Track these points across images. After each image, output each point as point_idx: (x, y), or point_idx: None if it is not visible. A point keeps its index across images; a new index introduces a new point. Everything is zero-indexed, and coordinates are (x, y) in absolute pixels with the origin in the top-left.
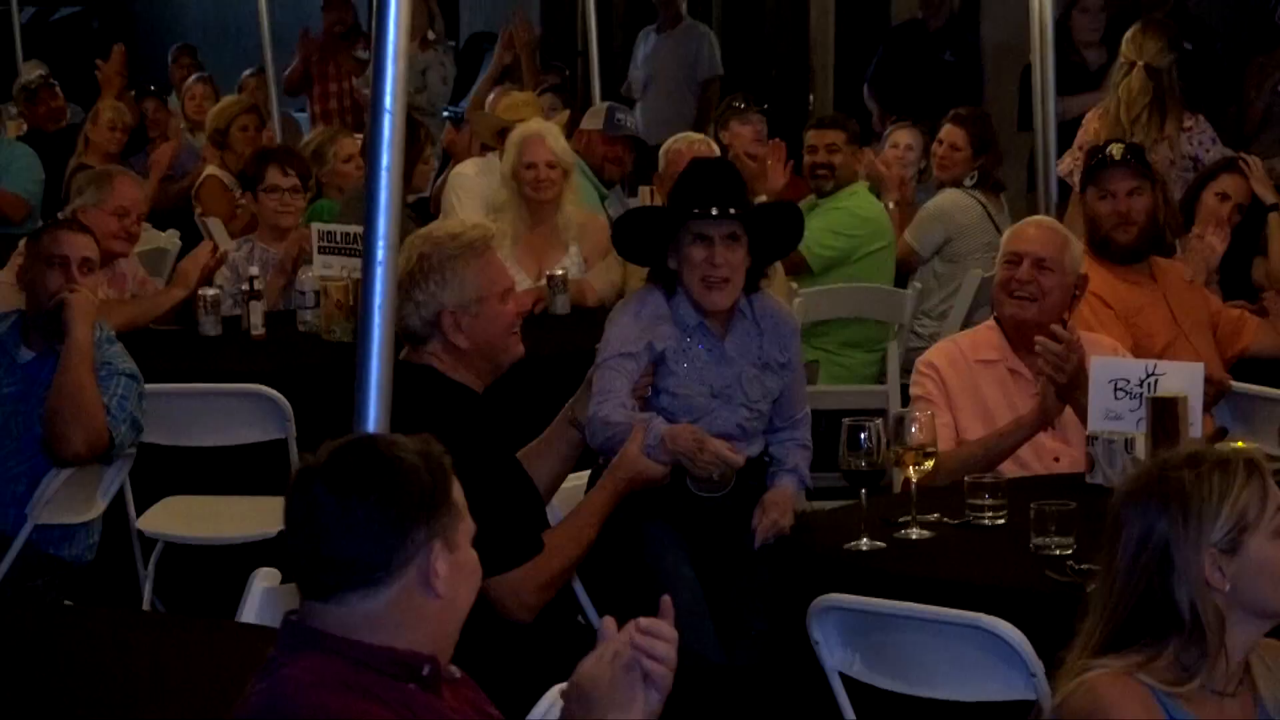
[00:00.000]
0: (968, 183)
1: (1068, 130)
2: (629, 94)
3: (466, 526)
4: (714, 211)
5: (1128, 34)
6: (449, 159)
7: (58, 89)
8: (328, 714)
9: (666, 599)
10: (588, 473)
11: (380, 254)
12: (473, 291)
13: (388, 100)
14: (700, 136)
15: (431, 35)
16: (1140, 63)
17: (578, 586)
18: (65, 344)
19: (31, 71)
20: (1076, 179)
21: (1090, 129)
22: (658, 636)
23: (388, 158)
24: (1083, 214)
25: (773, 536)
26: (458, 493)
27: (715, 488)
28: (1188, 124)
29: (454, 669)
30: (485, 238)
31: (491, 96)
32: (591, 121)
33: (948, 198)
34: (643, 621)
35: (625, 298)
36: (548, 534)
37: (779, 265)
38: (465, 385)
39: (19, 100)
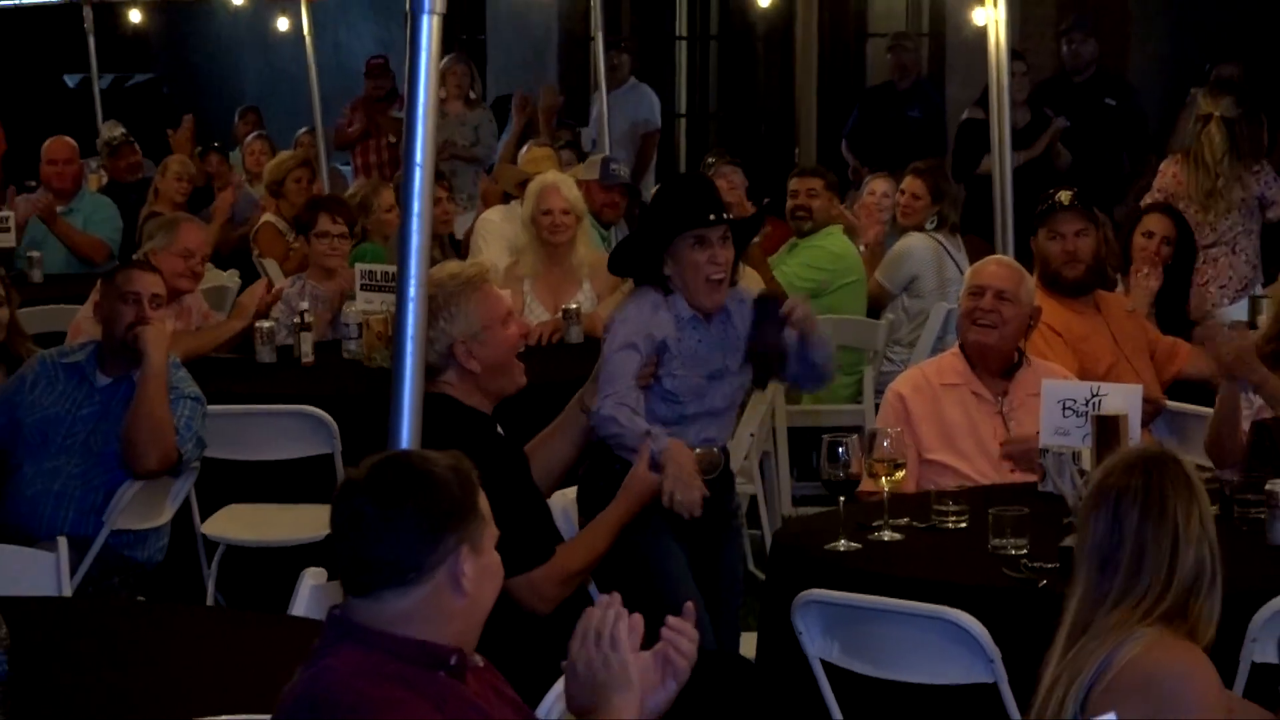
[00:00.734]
0: (929, 226)
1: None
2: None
3: (491, 533)
4: (711, 217)
5: (1202, 93)
6: None
7: (136, 145)
8: (363, 699)
9: (690, 604)
10: (575, 489)
11: (412, 290)
12: (478, 321)
13: (418, 155)
14: None
15: (473, 95)
16: (1217, 114)
17: (590, 585)
18: (142, 371)
19: (113, 130)
20: None
21: (1169, 173)
22: (684, 634)
23: (418, 205)
24: (1036, 253)
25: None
26: (483, 503)
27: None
28: (1255, 167)
29: (478, 658)
30: (481, 273)
31: (524, 150)
32: (588, 172)
33: (912, 240)
34: (672, 620)
35: (638, 293)
36: (569, 541)
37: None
38: (479, 410)
39: (103, 154)
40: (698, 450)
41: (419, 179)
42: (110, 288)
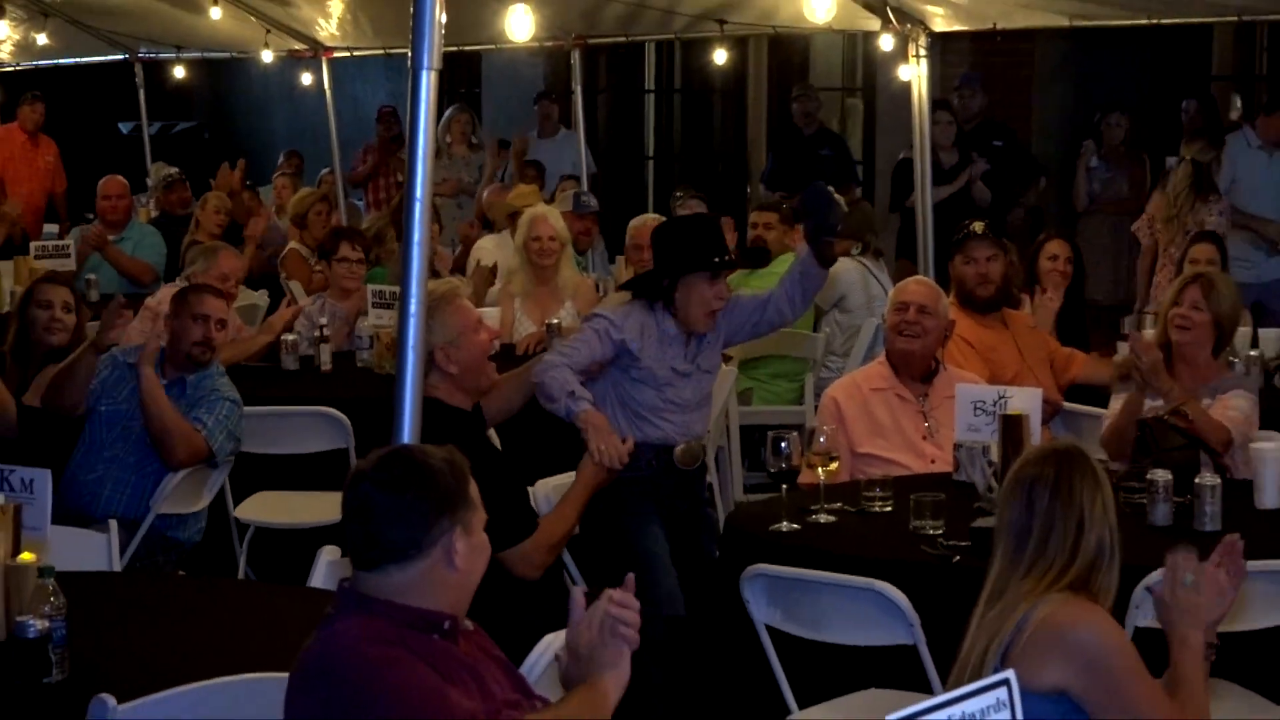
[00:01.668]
0: (854, 252)
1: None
2: None
3: (480, 516)
4: (727, 258)
5: (1184, 140)
6: None
7: (187, 183)
8: (365, 660)
9: (631, 576)
10: (557, 478)
11: (413, 307)
12: (453, 329)
13: (418, 191)
14: (655, 216)
15: (475, 140)
16: (1188, 158)
17: (566, 556)
18: (139, 386)
19: (168, 169)
20: (1142, 237)
21: (1154, 199)
22: (626, 606)
23: (418, 234)
24: (953, 275)
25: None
26: (474, 490)
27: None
28: (1211, 197)
29: (468, 623)
30: (453, 290)
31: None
32: (562, 204)
33: (839, 264)
34: (615, 594)
35: (618, 302)
36: (546, 515)
37: None
38: (460, 408)
39: (158, 189)
40: (680, 446)
41: (418, 212)
42: (183, 306)
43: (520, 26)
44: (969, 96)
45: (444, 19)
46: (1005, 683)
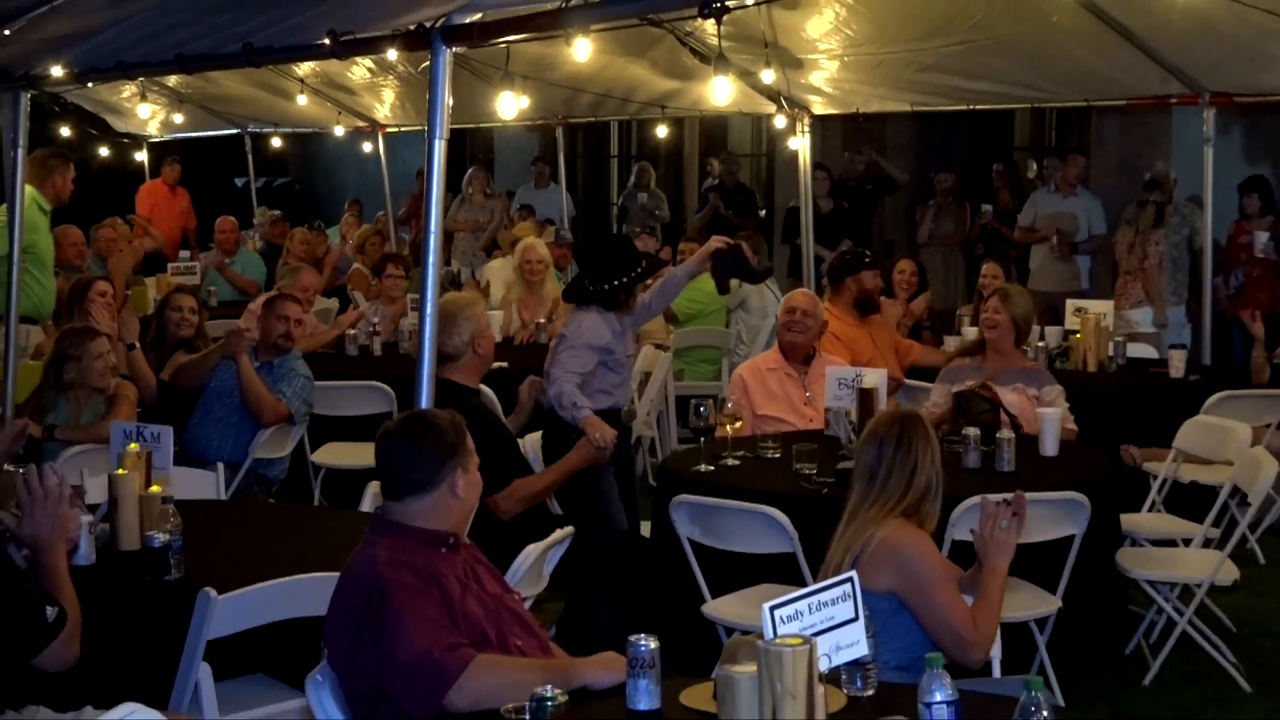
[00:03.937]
0: None
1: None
2: None
3: (474, 460)
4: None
5: (1144, 183)
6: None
7: (287, 222)
8: (386, 581)
9: None
10: (540, 433)
11: (428, 309)
12: (479, 326)
13: (433, 224)
14: None
15: (489, 191)
16: (1151, 200)
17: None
18: (237, 368)
19: (267, 213)
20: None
21: (1121, 233)
22: None
23: (434, 257)
24: (854, 284)
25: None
26: (470, 441)
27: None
28: (1162, 230)
29: (466, 539)
30: (474, 299)
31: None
32: (546, 237)
33: None
34: None
35: (586, 311)
36: (529, 477)
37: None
38: (469, 386)
39: (265, 224)
40: (625, 408)
41: (433, 242)
42: (271, 309)
43: (508, 108)
44: (855, 161)
45: (451, 101)
46: (849, 580)
